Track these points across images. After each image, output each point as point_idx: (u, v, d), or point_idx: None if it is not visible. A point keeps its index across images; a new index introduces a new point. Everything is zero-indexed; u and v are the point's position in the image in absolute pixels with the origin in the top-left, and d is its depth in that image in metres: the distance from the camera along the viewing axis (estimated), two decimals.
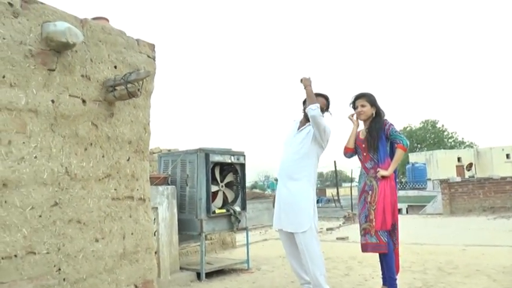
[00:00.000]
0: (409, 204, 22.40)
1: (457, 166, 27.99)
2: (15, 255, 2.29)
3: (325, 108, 4.04)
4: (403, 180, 29.70)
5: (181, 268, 5.43)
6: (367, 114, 4.17)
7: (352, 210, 14.60)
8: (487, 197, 14.09)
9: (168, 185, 5.44)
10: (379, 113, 4.17)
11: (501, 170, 23.14)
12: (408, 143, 4.10)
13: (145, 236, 2.97)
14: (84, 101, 2.73)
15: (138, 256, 2.91)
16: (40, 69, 2.51)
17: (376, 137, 4.07)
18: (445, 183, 15.02)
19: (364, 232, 4.12)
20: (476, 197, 14.20)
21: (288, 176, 3.97)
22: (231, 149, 5.99)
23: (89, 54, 2.79)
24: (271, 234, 10.50)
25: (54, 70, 2.58)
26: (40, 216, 2.42)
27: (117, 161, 2.88)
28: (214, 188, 5.67)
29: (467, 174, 25.47)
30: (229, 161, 5.87)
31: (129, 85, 2.71)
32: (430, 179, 22.31)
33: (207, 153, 5.56)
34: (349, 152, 4.36)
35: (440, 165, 28.29)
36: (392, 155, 4.11)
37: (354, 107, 4.25)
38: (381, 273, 4.21)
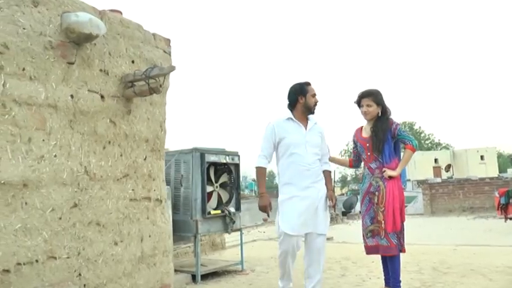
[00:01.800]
0: None
1: (434, 167, 28.56)
2: (36, 260, 2.14)
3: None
4: None
5: (175, 270, 5.28)
6: (372, 115, 4.06)
7: (335, 211, 14.68)
8: (467, 198, 14.44)
9: None
10: (385, 112, 4.07)
11: (476, 171, 23.73)
12: (417, 143, 4.07)
13: (162, 239, 2.85)
14: (102, 97, 2.60)
15: (156, 259, 2.79)
16: (59, 62, 2.36)
17: (382, 139, 3.98)
18: (425, 184, 15.30)
19: (372, 234, 4.03)
20: (456, 198, 14.52)
21: (314, 176, 3.69)
22: (225, 149, 5.88)
23: (107, 48, 2.65)
24: (255, 235, 10.42)
25: (73, 63, 2.44)
26: (60, 218, 2.28)
27: (135, 160, 2.75)
28: (209, 189, 5.52)
29: (445, 175, 26.00)
30: (224, 161, 5.75)
31: (151, 81, 2.59)
32: (409, 180, 22.69)
33: (202, 153, 5.41)
34: (352, 166, 4.36)
35: (417, 166, 28.75)
36: (398, 154, 4.08)
37: (359, 105, 4.15)
38: (382, 274, 4.17)
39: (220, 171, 5.77)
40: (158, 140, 2.95)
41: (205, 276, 5.24)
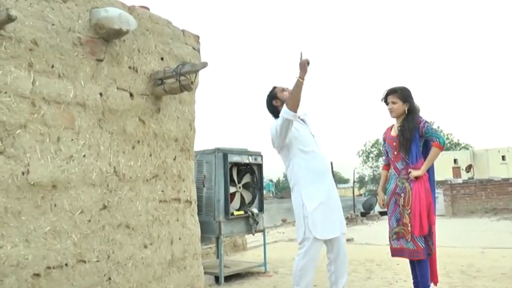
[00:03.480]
0: None
1: (453, 168, 28.04)
2: (66, 264, 2.07)
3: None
4: None
5: None
6: (397, 112, 3.91)
7: (354, 212, 14.47)
8: (489, 199, 14.03)
9: None
10: (412, 110, 3.91)
11: (497, 172, 23.23)
12: (445, 141, 3.91)
13: (192, 241, 2.76)
14: (131, 95, 2.51)
15: (186, 263, 2.70)
16: (88, 59, 2.28)
17: (409, 138, 3.83)
18: (446, 184, 14.94)
19: (397, 236, 3.89)
20: (479, 199, 14.13)
21: (330, 177, 3.58)
22: (248, 149, 5.78)
23: (136, 44, 2.57)
24: (275, 236, 10.30)
25: (102, 60, 2.35)
26: (89, 220, 2.20)
27: (164, 160, 2.67)
28: (231, 189, 5.43)
29: (466, 175, 25.52)
30: (247, 162, 5.65)
31: (182, 78, 2.49)
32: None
33: (225, 153, 5.32)
34: (388, 167, 4.19)
35: (436, 166, 28.12)
36: (425, 154, 3.92)
37: (386, 103, 4.01)
38: (408, 277, 4.02)
39: (243, 171, 5.67)
40: (188, 140, 2.86)
41: (228, 278, 5.14)
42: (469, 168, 26.01)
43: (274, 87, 3.47)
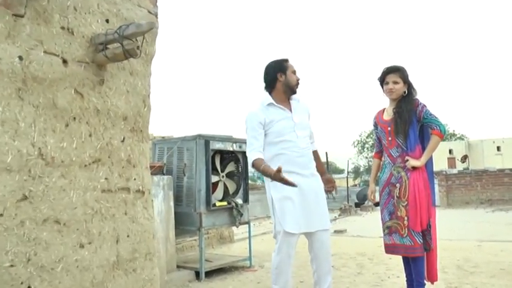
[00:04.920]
0: None
1: (448, 158, 27.90)
2: None
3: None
4: None
5: (178, 266, 4.98)
6: (398, 93, 3.50)
7: (348, 202, 14.21)
8: (485, 190, 13.89)
9: (164, 174, 4.85)
10: (411, 91, 3.52)
11: (492, 162, 23.15)
12: (446, 128, 3.49)
13: (144, 239, 2.32)
14: (65, 61, 2.05)
15: (136, 264, 2.26)
16: (2, 13, 1.82)
17: (407, 121, 3.42)
18: (441, 175, 14.73)
19: (390, 231, 3.50)
20: (474, 189, 14.00)
21: (308, 162, 3.20)
22: (232, 135, 5.40)
23: (71, 1, 2.10)
24: (267, 227, 10.03)
25: (22, 16, 1.89)
26: (1, 215, 1.75)
27: (109, 141, 2.21)
28: (214, 179, 5.13)
29: (460, 166, 25.44)
30: (231, 149, 5.30)
31: (126, 42, 2.04)
32: None
33: (207, 140, 4.99)
34: (379, 155, 3.75)
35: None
36: (422, 141, 3.50)
37: (383, 83, 3.57)
38: (402, 273, 3.67)
39: (227, 159, 5.37)
40: (140, 118, 2.40)
41: (210, 273, 4.88)
42: (464, 158, 25.91)
43: (287, 61, 3.22)
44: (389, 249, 3.51)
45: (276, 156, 3.07)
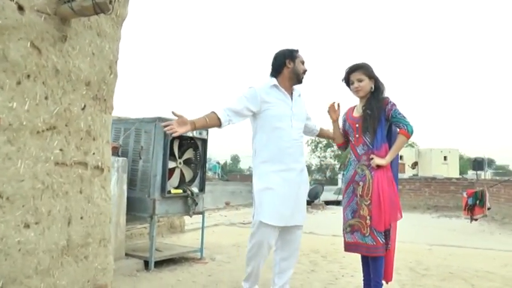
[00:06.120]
0: None
1: (399, 163, 28.91)
2: None
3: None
4: None
5: (126, 254, 4.72)
6: (365, 90, 3.42)
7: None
8: (432, 196, 14.36)
9: (119, 156, 4.54)
10: (378, 87, 3.44)
11: (439, 171, 24.24)
12: (413, 129, 3.44)
13: (100, 222, 2.03)
14: (21, 8, 1.73)
15: (88, 251, 1.97)
16: None
17: (376, 118, 3.34)
18: None
19: (352, 229, 3.43)
20: (422, 195, 14.42)
21: (297, 155, 3.24)
22: None
23: None
24: (217, 219, 9.83)
25: None
26: None
27: (67, 107, 1.91)
28: (171, 165, 4.88)
29: (409, 172, 26.39)
30: (190, 135, 5.06)
31: None
32: None
33: None
34: (342, 146, 3.66)
35: None
36: (389, 140, 3.43)
37: (348, 83, 3.48)
38: (355, 271, 3.62)
39: (186, 146, 5.12)
40: (105, 86, 2.11)
41: (160, 263, 4.67)
42: (414, 165, 26.95)
43: (297, 51, 3.32)
44: (351, 247, 3.44)
45: (268, 144, 3.12)
